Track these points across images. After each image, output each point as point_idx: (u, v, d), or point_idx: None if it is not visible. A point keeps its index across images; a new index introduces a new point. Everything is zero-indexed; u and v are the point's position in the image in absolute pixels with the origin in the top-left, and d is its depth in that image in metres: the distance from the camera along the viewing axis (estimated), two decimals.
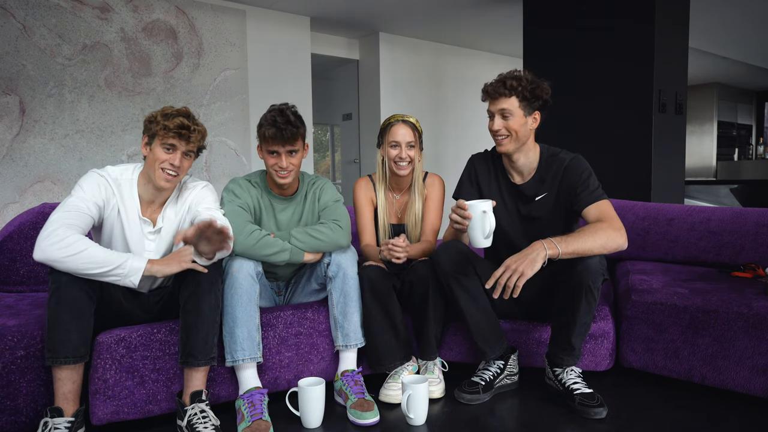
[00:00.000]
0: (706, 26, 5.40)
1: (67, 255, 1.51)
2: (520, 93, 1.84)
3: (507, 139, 1.89)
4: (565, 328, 1.80)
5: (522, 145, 1.91)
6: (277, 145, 1.86)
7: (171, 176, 1.72)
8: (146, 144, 1.73)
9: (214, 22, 4.36)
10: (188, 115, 1.74)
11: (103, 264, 1.55)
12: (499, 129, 1.88)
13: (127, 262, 1.58)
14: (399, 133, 2.09)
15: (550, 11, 3.90)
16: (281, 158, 1.87)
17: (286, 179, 1.91)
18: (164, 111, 1.72)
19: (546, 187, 1.93)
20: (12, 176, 3.58)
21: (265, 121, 1.88)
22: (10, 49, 3.54)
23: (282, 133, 1.83)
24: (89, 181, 1.71)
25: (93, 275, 1.55)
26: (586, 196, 1.84)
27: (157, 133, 1.69)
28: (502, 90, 1.85)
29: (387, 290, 1.94)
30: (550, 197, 1.93)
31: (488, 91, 1.89)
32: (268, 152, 1.89)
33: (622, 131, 3.54)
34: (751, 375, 1.78)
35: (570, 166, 1.90)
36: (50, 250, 1.51)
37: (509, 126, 1.87)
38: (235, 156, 4.51)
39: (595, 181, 1.87)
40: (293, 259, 1.87)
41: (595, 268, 1.71)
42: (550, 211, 1.93)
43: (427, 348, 1.97)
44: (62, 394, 1.57)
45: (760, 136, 9.64)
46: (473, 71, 6.25)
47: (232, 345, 1.75)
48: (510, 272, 1.62)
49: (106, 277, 1.57)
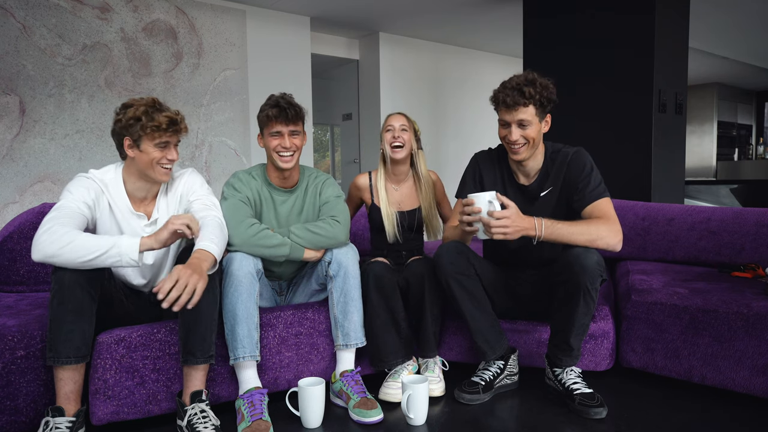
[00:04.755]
0: (706, 26, 5.40)
1: (61, 247, 1.50)
2: (538, 101, 1.81)
3: (524, 147, 1.86)
4: (564, 329, 1.80)
5: (535, 150, 1.91)
6: (280, 125, 1.89)
7: (170, 169, 1.75)
8: (131, 146, 1.70)
9: (214, 22, 4.36)
10: (166, 108, 1.73)
11: (96, 248, 1.52)
12: (517, 139, 1.83)
13: (121, 240, 1.54)
14: (392, 119, 2.23)
15: (550, 11, 3.90)
16: (284, 138, 1.90)
17: (289, 163, 1.92)
18: (138, 111, 1.67)
19: (550, 181, 1.93)
20: (12, 176, 3.58)
21: (266, 105, 1.93)
22: (10, 49, 3.54)
23: (285, 112, 1.88)
24: (76, 184, 1.70)
25: (92, 263, 1.53)
26: (587, 194, 1.84)
27: (145, 133, 1.67)
28: (520, 99, 1.79)
29: (392, 287, 1.95)
30: (554, 192, 1.93)
31: (506, 102, 1.81)
32: (271, 134, 1.91)
33: (622, 131, 3.54)
34: (751, 375, 1.78)
35: (573, 160, 1.90)
36: (44, 246, 1.51)
37: (527, 135, 1.83)
38: (235, 156, 4.51)
39: (597, 177, 1.86)
40: (293, 255, 1.87)
41: (592, 270, 1.71)
42: (554, 207, 1.93)
43: (426, 345, 1.98)
44: (63, 394, 1.57)
45: (760, 136, 9.65)
46: (473, 71, 6.26)
47: (233, 343, 1.75)
48: (501, 225, 1.67)
49: (107, 262, 1.54)
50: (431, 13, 4.91)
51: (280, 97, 1.93)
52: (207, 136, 4.37)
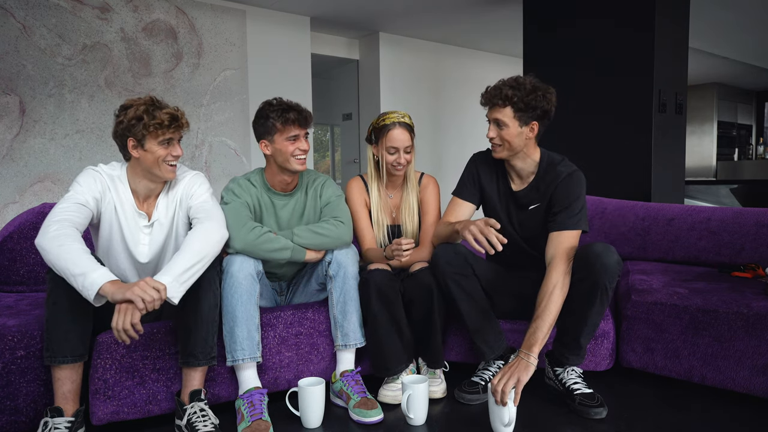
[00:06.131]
0: (706, 26, 5.40)
1: (51, 249, 1.49)
2: (516, 104, 1.80)
3: (500, 148, 1.89)
4: (575, 328, 1.78)
5: (516, 153, 1.89)
6: (298, 128, 1.90)
7: (175, 165, 1.76)
8: (135, 147, 1.69)
9: (214, 22, 4.36)
10: (165, 105, 1.73)
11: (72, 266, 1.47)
12: (494, 137, 1.87)
13: (93, 273, 1.47)
14: (398, 140, 2.05)
15: (550, 11, 3.90)
16: (302, 141, 1.91)
17: (304, 165, 1.94)
18: (138, 110, 1.66)
19: (539, 197, 1.92)
20: (12, 176, 3.58)
21: (277, 112, 1.88)
22: (10, 49, 3.54)
23: (303, 115, 1.90)
24: (85, 176, 1.72)
25: (63, 275, 1.49)
26: (561, 219, 1.82)
27: (148, 132, 1.66)
28: (496, 100, 1.82)
29: (394, 295, 1.91)
30: (541, 209, 1.92)
31: (485, 98, 1.86)
32: (288, 139, 1.89)
33: (622, 131, 3.54)
34: (751, 375, 1.78)
35: (563, 183, 1.86)
36: (43, 239, 1.52)
37: (502, 136, 1.85)
38: (235, 156, 4.51)
39: (579, 206, 1.83)
40: (295, 258, 1.87)
41: (612, 269, 1.69)
42: (541, 221, 1.92)
43: (434, 357, 1.95)
44: (62, 393, 1.57)
45: (760, 136, 9.65)
46: (473, 71, 6.26)
47: (232, 344, 1.75)
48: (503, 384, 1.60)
49: (72, 282, 1.48)
50: (431, 13, 4.91)
51: (282, 102, 1.92)
52: (207, 136, 4.37)
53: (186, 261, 1.58)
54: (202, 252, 1.62)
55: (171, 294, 1.53)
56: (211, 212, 1.76)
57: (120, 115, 1.69)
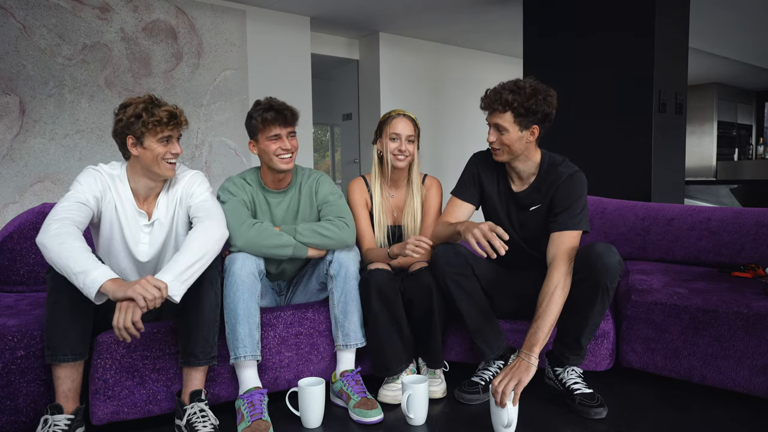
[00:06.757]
0: (706, 26, 5.40)
1: (52, 247, 1.49)
2: (516, 109, 1.79)
3: (500, 152, 1.88)
4: (575, 328, 1.78)
5: (517, 157, 1.89)
6: (278, 128, 1.89)
7: (174, 163, 1.76)
8: (134, 145, 1.70)
9: (214, 22, 4.36)
10: (164, 103, 1.73)
11: (73, 264, 1.47)
12: (494, 141, 1.87)
13: (94, 271, 1.47)
14: (400, 126, 2.08)
15: (550, 11, 3.90)
16: (284, 140, 1.90)
17: (290, 164, 1.92)
18: (137, 108, 1.67)
19: (540, 198, 1.92)
20: (12, 176, 3.58)
21: (258, 111, 1.90)
22: (10, 49, 3.54)
23: (282, 114, 1.88)
24: (85, 175, 1.72)
25: (64, 273, 1.49)
26: (563, 219, 1.82)
27: (147, 129, 1.67)
28: (496, 105, 1.81)
29: (395, 295, 1.91)
30: (542, 210, 1.92)
31: (485, 103, 1.85)
32: (269, 138, 1.89)
33: (622, 131, 3.54)
34: (751, 375, 1.78)
35: (564, 183, 1.86)
36: (45, 237, 1.52)
37: (502, 140, 1.84)
38: (234, 156, 4.51)
39: (580, 207, 1.83)
40: (296, 254, 1.87)
41: (614, 269, 1.69)
42: (542, 222, 1.92)
43: (434, 357, 1.95)
44: (62, 392, 1.57)
45: (760, 136, 9.65)
46: (473, 71, 6.26)
47: (234, 342, 1.75)
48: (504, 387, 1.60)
49: (73, 281, 1.48)
50: (431, 13, 4.92)
51: (269, 99, 1.92)
52: (207, 136, 4.37)
53: (187, 259, 1.58)
54: (202, 250, 1.62)
55: (172, 292, 1.53)
56: (211, 211, 1.76)
57: (119, 113, 1.70)
